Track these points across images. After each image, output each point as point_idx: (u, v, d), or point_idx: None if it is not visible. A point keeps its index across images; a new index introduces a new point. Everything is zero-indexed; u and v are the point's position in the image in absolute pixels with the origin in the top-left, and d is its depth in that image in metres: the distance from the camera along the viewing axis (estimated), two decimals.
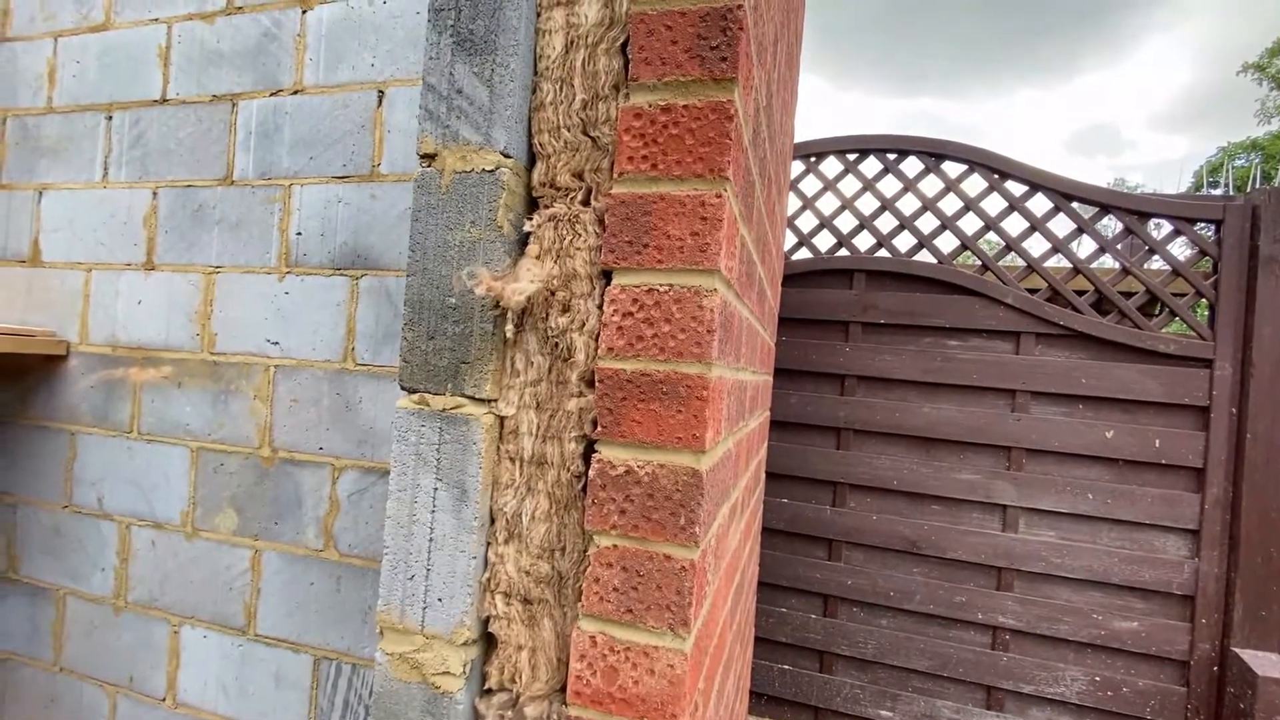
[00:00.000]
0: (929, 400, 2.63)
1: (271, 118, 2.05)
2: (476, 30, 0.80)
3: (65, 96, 2.33)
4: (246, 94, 2.09)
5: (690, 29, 0.73)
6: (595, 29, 0.80)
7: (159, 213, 2.17)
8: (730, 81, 0.71)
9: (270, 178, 2.03)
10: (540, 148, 0.82)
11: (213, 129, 2.11)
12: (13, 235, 2.35)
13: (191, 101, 2.14)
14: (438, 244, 0.80)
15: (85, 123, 2.28)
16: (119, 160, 2.24)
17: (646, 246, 0.73)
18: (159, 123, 2.19)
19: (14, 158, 2.36)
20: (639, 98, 0.75)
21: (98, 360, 2.17)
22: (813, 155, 2.69)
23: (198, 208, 2.11)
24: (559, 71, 0.81)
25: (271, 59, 2.06)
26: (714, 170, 0.71)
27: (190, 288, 2.10)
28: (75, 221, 2.26)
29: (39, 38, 2.35)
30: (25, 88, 2.37)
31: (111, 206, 2.22)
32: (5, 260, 2.34)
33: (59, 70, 2.32)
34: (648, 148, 0.74)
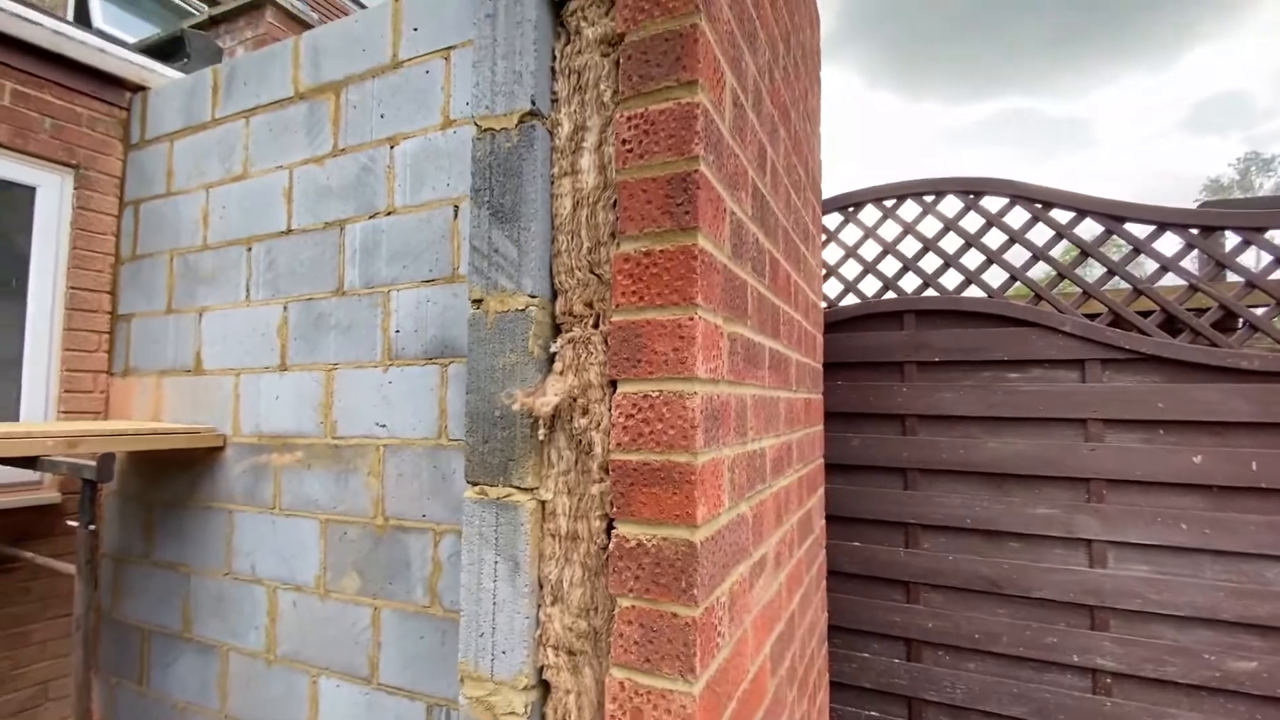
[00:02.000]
0: (994, 435, 2.60)
1: (371, 236, 2.45)
2: (505, 204, 1.05)
3: (216, 235, 2.87)
4: (351, 219, 2.51)
5: (661, 191, 0.95)
6: (594, 191, 1.03)
7: (289, 323, 2.61)
8: (694, 229, 0.92)
9: (373, 286, 2.42)
10: (560, 285, 1.06)
11: (326, 250, 2.55)
12: (182, 350, 2.89)
13: (309, 230, 2.59)
14: (487, 369, 1.04)
15: (231, 255, 2.79)
16: (258, 283, 2.73)
17: (640, 361, 0.94)
18: (286, 250, 2.65)
19: (180, 287, 2.93)
20: (627, 245, 0.97)
21: (247, 449, 2.60)
22: (850, 206, 2.80)
23: (318, 316, 2.54)
24: (570, 226, 1.05)
25: (369, 188, 2.48)
26: (686, 299, 0.91)
27: (314, 383, 2.51)
28: (227, 335, 2.76)
29: (195, 190, 2.93)
30: (186, 231, 2.94)
31: (253, 321, 2.70)
32: (176, 371, 2.88)
33: (210, 214, 2.86)
34: (636, 284, 0.95)
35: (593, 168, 1.03)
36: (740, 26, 1.16)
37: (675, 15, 0.94)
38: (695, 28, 0.93)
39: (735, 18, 1.13)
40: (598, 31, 1.03)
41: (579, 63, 1.05)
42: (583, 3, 1.05)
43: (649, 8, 0.96)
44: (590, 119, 1.04)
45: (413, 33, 2.42)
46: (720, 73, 1.03)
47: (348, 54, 2.54)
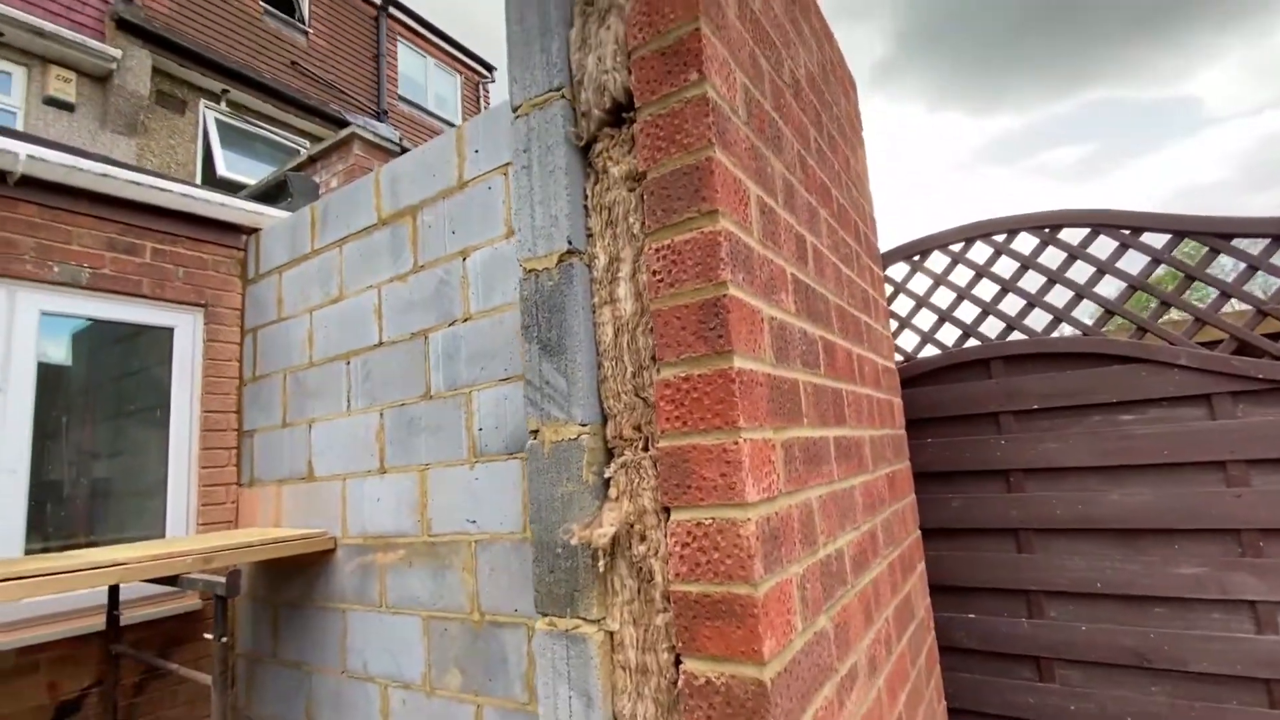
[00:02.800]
0: (1115, 485, 2.32)
1: (451, 342, 2.63)
2: (552, 338, 1.11)
3: (319, 353, 3.16)
4: (433, 327, 2.70)
5: (693, 317, 0.97)
6: (633, 318, 1.07)
7: (385, 428, 2.81)
8: (729, 352, 0.93)
9: (456, 388, 2.58)
10: (609, 409, 1.09)
11: (414, 358, 2.75)
12: (296, 459, 3.16)
13: (398, 341, 2.81)
14: (547, 498, 1.08)
15: (333, 370, 3.07)
16: (356, 393, 2.97)
17: (690, 488, 0.94)
18: (379, 361, 2.88)
19: (293, 402, 3.23)
20: (666, 371, 1.00)
21: (355, 549, 2.78)
22: (915, 254, 2.69)
23: (410, 420, 2.72)
24: (614, 352, 1.09)
25: (446, 298, 2.67)
26: (728, 423, 0.92)
27: (410, 484, 2.67)
28: (333, 444, 3.00)
29: (301, 314, 3.26)
30: (295, 351, 3.27)
31: (355, 429, 2.93)
32: (293, 479, 3.16)
33: (314, 335, 3.18)
34: (678, 409, 0.97)
35: (630, 295, 1.07)
36: (761, 135, 1.20)
37: (691, 150, 0.99)
38: (710, 160, 0.97)
39: (754, 130, 1.17)
40: (622, 169, 1.10)
41: (608, 199, 1.11)
42: (606, 145, 1.12)
43: (666, 145, 1.02)
44: (623, 250, 1.09)
45: (474, 154, 2.64)
46: (742, 190, 1.06)
47: (421, 180, 2.80)
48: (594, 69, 1.11)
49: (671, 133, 1.01)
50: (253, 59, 7.54)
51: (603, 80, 1.09)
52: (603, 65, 1.09)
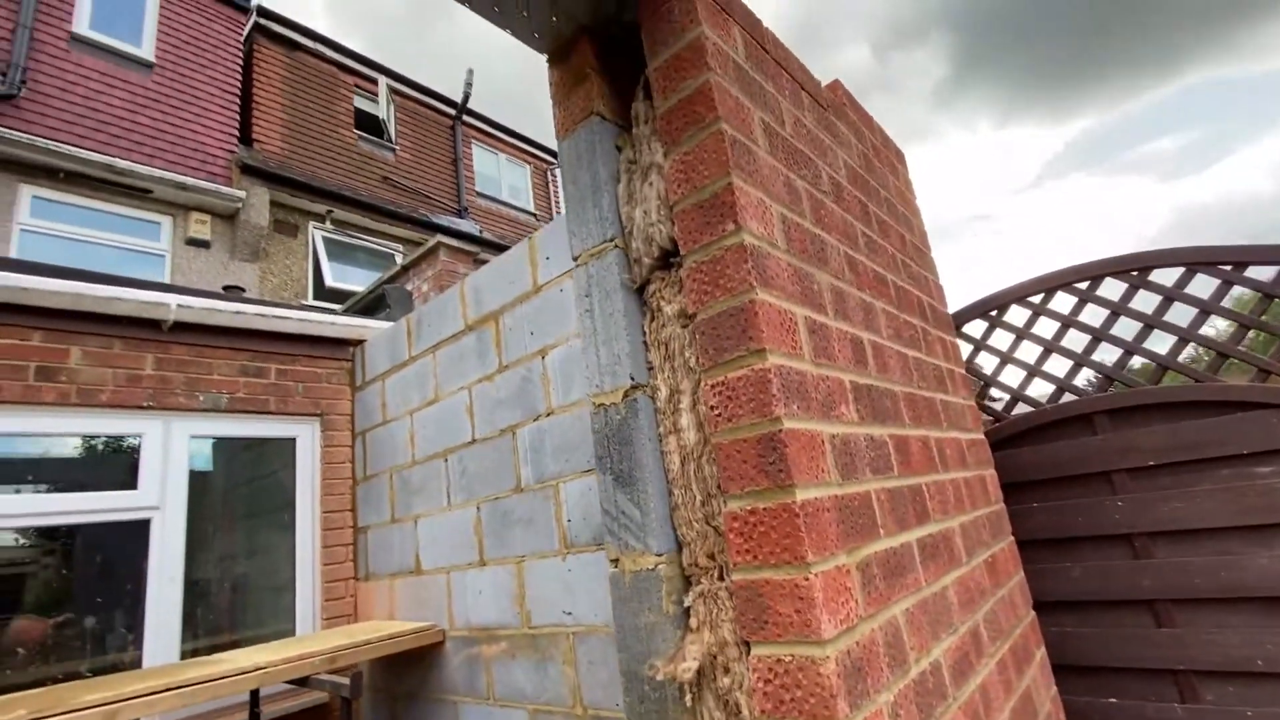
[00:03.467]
0: (1262, 547, 2.04)
1: (537, 436, 2.77)
2: (624, 469, 1.19)
3: (421, 451, 3.40)
4: (519, 423, 2.86)
5: (753, 450, 1.02)
6: (697, 447, 1.13)
7: (482, 522, 2.97)
8: (790, 486, 0.97)
9: (544, 481, 2.70)
10: (682, 537, 1.14)
11: (504, 453, 2.91)
12: (405, 554, 3.37)
13: (489, 437, 2.99)
14: (631, 627, 1.13)
15: (433, 467, 3.29)
16: (455, 488, 3.16)
17: (766, 623, 0.97)
18: (473, 457, 3.07)
19: (399, 499, 3.48)
20: (732, 504, 1.04)
21: (462, 642, 2.90)
22: (993, 309, 2.58)
23: (504, 513, 2.86)
24: (682, 480, 1.15)
25: (530, 395, 2.84)
26: (797, 558, 0.95)
27: (508, 576, 2.78)
28: (437, 538, 3.19)
29: (403, 417, 3.54)
30: (399, 451, 3.53)
31: (455, 523, 3.10)
32: (403, 573, 3.36)
33: (415, 435, 3.43)
34: (747, 543, 1.01)
35: (692, 426, 1.14)
36: (803, 254, 1.26)
37: (734, 293, 1.06)
38: (753, 302, 1.04)
39: (795, 253, 1.23)
40: (674, 308, 1.19)
41: (664, 335, 1.20)
42: (659, 286, 1.22)
43: (710, 289, 1.10)
44: (682, 382, 1.16)
45: (545, 261, 2.84)
46: (788, 320, 1.11)
47: (500, 287, 3.04)
48: (641, 221, 1.22)
49: (715, 277, 1.09)
50: (350, 180, 8.50)
51: (650, 231, 1.20)
52: (649, 218, 1.20)
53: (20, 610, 3.85)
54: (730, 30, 1.26)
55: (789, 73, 1.48)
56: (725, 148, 1.10)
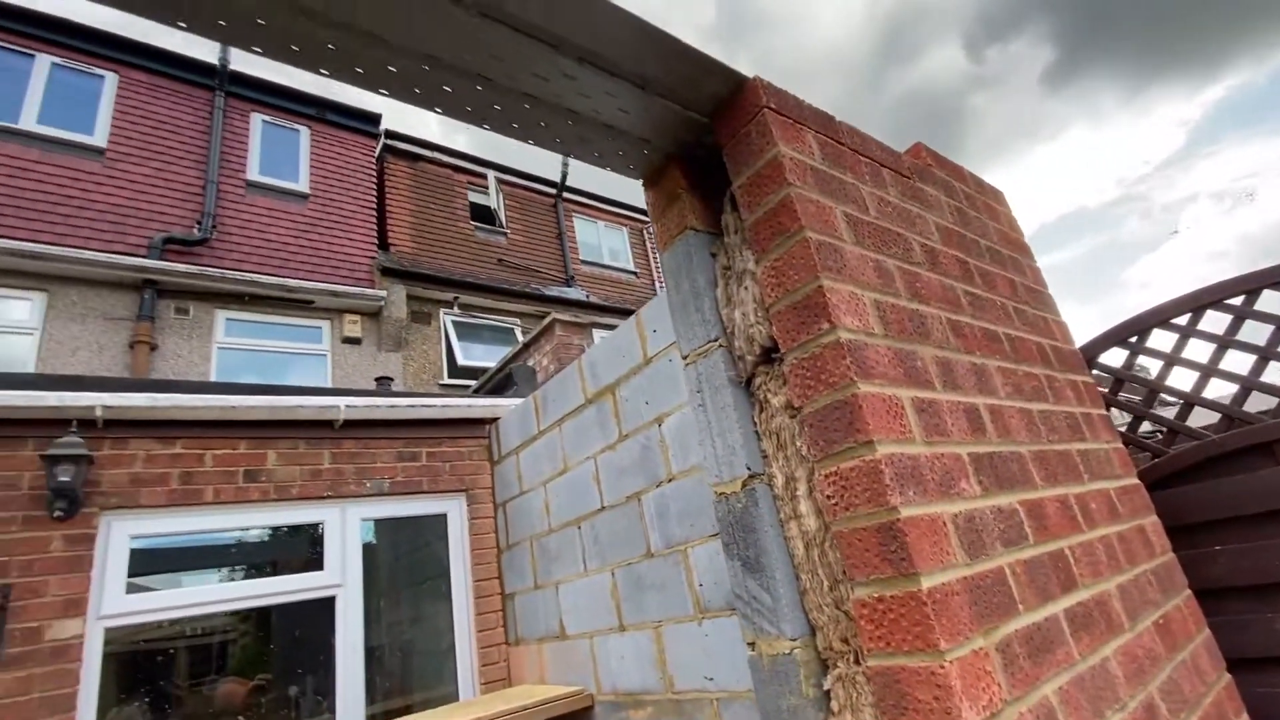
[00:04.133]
0: None
1: (661, 502, 2.88)
2: (750, 556, 1.27)
3: (556, 520, 3.62)
4: (643, 490, 2.99)
5: (873, 539, 1.07)
6: (818, 533, 1.20)
7: (618, 587, 3.10)
8: (915, 575, 1.01)
9: (672, 546, 2.80)
10: (814, 621, 1.20)
11: (631, 519, 3.05)
12: (549, 619, 3.57)
13: (617, 504, 3.15)
14: (774, 709, 1.19)
15: (568, 535, 3.49)
16: (589, 555, 3.33)
17: (906, 709, 1.00)
18: (603, 524, 3.23)
19: (540, 566, 3.71)
20: (859, 591, 1.09)
21: (610, 706, 3.00)
22: (1130, 337, 2.35)
23: (637, 578, 2.98)
24: (808, 565, 1.22)
25: (650, 462, 2.97)
26: (929, 644, 0.98)
27: (647, 641, 2.88)
28: (577, 603, 3.36)
29: (537, 487, 3.80)
30: (536, 520, 3.78)
31: (592, 588, 3.26)
32: (550, 637, 3.56)
33: (550, 504, 3.66)
34: (879, 629, 1.05)
35: (811, 512, 1.21)
36: (902, 334, 1.30)
37: (836, 388, 1.14)
38: (855, 396, 1.11)
39: (894, 335, 1.28)
40: (781, 400, 1.28)
41: (774, 425, 1.29)
42: (764, 379, 1.32)
43: (813, 384, 1.18)
44: (797, 470, 1.24)
45: (653, 334, 3.02)
46: (894, 404, 1.17)
47: (613, 361, 3.25)
48: (741, 322, 1.34)
49: (816, 373, 1.17)
50: (471, 266, 9.39)
51: (750, 332, 1.31)
52: (747, 319, 1.32)
53: (225, 674, 4.47)
54: (805, 139, 1.37)
55: (867, 156, 1.56)
56: (811, 253, 1.20)
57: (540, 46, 1.14)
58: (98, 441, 3.06)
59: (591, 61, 1.19)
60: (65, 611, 2.84)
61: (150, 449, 3.21)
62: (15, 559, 2.80)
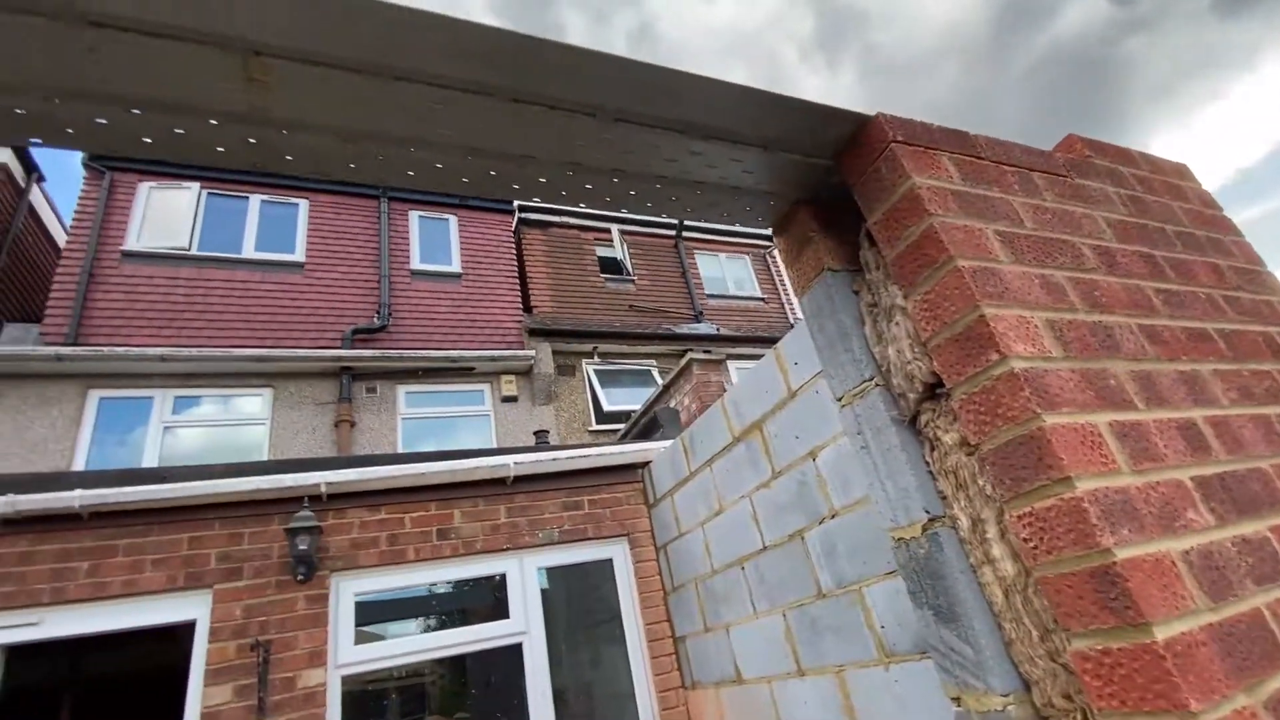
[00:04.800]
0: None
1: (826, 540, 2.78)
2: (941, 604, 1.21)
3: (718, 561, 3.61)
4: (805, 528, 2.91)
5: (1087, 585, 0.98)
6: (1018, 579, 1.11)
7: (791, 629, 3.01)
8: (1145, 625, 0.90)
9: (844, 585, 2.68)
10: (1027, 675, 1.10)
11: (796, 559, 2.97)
12: (723, 662, 3.54)
13: (779, 544, 3.08)
14: None
15: (732, 576, 3.46)
16: (756, 596, 3.27)
17: None
18: (767, 564, 3.17)
19: (707, 608, 3.70)
20: (1077, 643, 0.99)
21: None
22: None
23: (811, 620, 2.88)
24: (1009, 614, 1.13)
25: (809, 498, 2.89)
26: (1176, 705, 0.87)
27: (830, 686, 2.75)
28: (750, 646, 3.31)
29: (695, 529, 3.82)
30: (698, 561, 3.79)
31: (764, 631, 3.20)
32: (726, 682, 3.52)
33: (710, 545, 3.67)
34: (1108, 685, 0.95)
35: (1006, 556, 1.13)
36: (1086, 351, 1.19)
37: (1017, 422, 1.07)
38: (1042, 429, 1.03)
39: (1077, 353, 1.18)
40: (953, 437, 1.22)
41: (949, 464, 1.23)
42: (930, 417, 1.27)
43: (989, 419, 1.12)
44: (983, 511, 1.17)
45: (795, 366, 2.98)
46: (1091, 434, 1.07)
47: (756, 399, 3.24)
48: (896, 359, 1.31)
49: (991, 407, 1.11)
50: (605, 316, 9.88)
51: (908, 369, 1.27)
52: (903, 356, 1.28)
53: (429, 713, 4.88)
54: (939, 163, 1.33)
55: (1012, 165, 1.47)
56: (966, 281, 1.15)
57: (669, 134, 1.24)
58: (323, 513, 3.60)
59: (717, 137, 1.27)
60: (311, 662, 3.33)
61: (363, 516, 3.71)
62: (272, 618, 3.34)
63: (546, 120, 1.16)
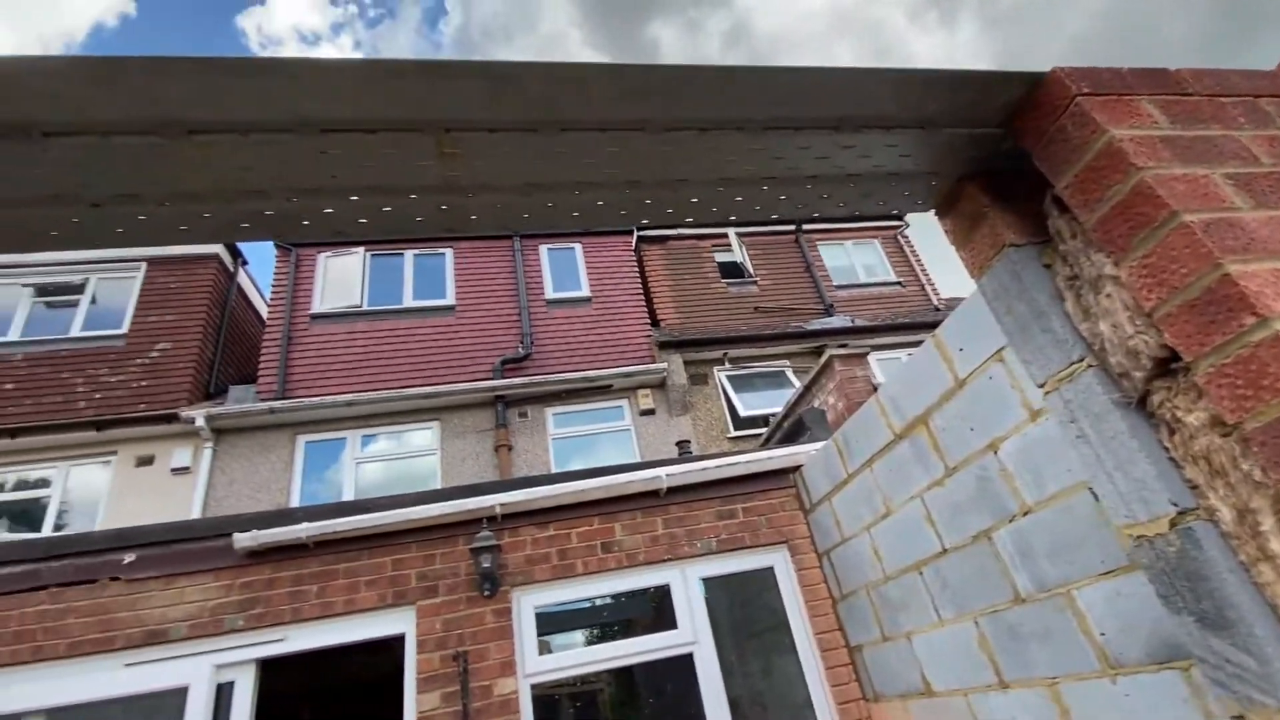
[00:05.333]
0: None
1: (1020, 539, 2.54)
2: (1206, 610, 1.05)
3: (890, 566, 3.40)
4: (991, 527, 2.67)
5: None
6: None
7: (986, 638, 2.76)
8: None
9: (1047, 589, 2.42)
10: None
11: (984, 560, 2.73)
12: (908, 673, 3.32)
13: (961, 546, 2.85)
14: None
15: (908, 582, 3.25)
16: (940, 603, 3.05)
17: None
18: (949, 568, 2.95)
19: (884, 617, 3.50)
20: None
21: None
22: None
23: (1009, 627, 2.63)
24: None
25: (992, 494, 2.65)
26: None
27: (1041, 700, 2.49)
28: (938, 656, 3.08)
29: (860, 533, 3.64)
30: (867, 567, 3.61)
31: (953, 639, 2.96)
32: (912, 694, 3.31)
33: (879, 549, 3.48)
34: None
35: None
36: None
37: None
38: None
39: None
40: (1200, 417, 1.06)
41: (1198, 447, 1.07)
42: (1164, 397, 1.12)
43: (1251, 393, 0.96)
44: (1252, 500, 1.00)
45: (960, 353, 2.76)
46: None
47: (917, 392, 3.04)
48: (1112, 334, 1.17)
49: (1252, 379, 0.95)
50: (731, 321, 9.82)
51: (1130, 344, 1.13)
52: (1121, 330, 1.14)
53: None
54: (1139, 109, 1.18)
55: (1231, 96, 1.26)
56: (1197, 237, 1.00)
57: (819, 133, 1.21)
58: (499, 532, 3.89)
59: (870, 126, 1.22)
60: (502, 671, 3.59)
61: (534, 534, 3.96)
62: (466, 631, 3.65)
63: (698, 142, 1.18)
